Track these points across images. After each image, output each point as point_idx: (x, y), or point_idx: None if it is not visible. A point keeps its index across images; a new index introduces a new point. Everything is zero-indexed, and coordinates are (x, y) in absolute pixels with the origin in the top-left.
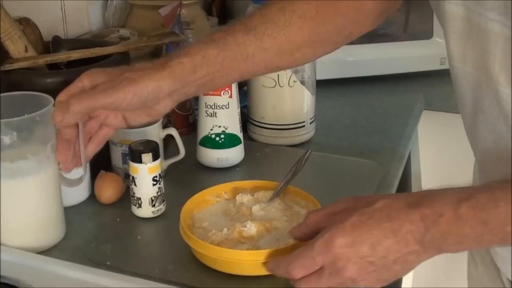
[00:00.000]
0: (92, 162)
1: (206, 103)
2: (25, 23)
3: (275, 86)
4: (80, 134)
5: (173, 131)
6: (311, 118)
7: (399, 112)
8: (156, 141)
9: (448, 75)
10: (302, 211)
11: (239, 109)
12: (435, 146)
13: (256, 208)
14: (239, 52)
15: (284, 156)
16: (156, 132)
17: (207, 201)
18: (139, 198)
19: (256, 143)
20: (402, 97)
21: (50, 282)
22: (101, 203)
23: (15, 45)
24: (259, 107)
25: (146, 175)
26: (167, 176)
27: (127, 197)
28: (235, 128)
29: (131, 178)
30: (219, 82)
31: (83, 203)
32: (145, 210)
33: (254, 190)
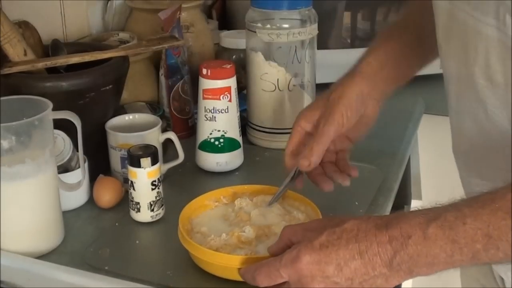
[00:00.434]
0: (91, 167)
1: (206, 107)
2: (25, 27)
3: (275, 90)
4: (79, 138)
5: (172, 135)
6: None
7: (399, 116)
8: (155, 145)
9: None
10: (301, 216)
11: (239, 113)
12: (435, 150)
13: (255, 213)
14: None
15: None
16: (155, 136)
17: (206, 206)
18: (138, 203)
19: (256, 147)
20: (402, 101)
21: (49, 287)
22: (100, 208)
23: (14, 49)
24: (259, 111)
25: (145, 180)
26: (166, 180)
27: (126, 202)
28: (235, 132)
29: (130, 183)
30: (403, 73)
31: (82, 208)
32: (144, 215)
33: (253, 195)
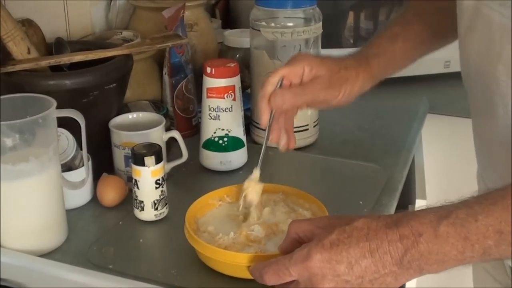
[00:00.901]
0: (95, 165)
1: (210, 106)
2: (28, 25)
3: None
4: (83, 136)
5: (176, 134)
6: (315, 122)
7: (403, 116)
8: (159, 144)
9: (452, 79)
10: (307, 214)
11: (243, 112)
12: (439, 150)
13: (263, 212)
14: (417, 41)
15: (288, 160)
16: (159, 135)
17: (210, 205)
18: (142, 201)
19: (260, 147)
20: (406, 101)
21: (52, 286)
22: (104, 206)
23: (18, 47)
24: None
25: (149, 178)
26: (170, 179)
27: (130, 200)
28: (239, 131)
29: (134, 181)
30: (391, 72)
31: (86, 206)
32: (148, 213)
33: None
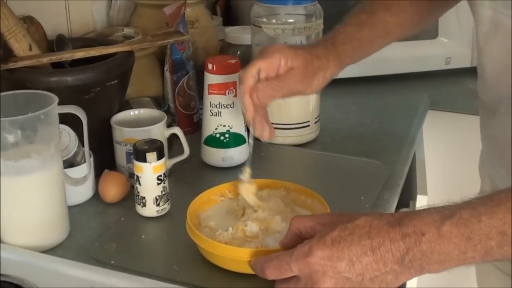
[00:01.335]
0: (97, 161)
1: (211, 103)
2: (29, 22)
3: None
4: (85, 132)
5: (178, 130)
6: (316, 118)
7: (404, 112)
8: (161, 140)
9: (453, 75)
10: (306, 211)
11: None
12: (440, 146)
13: (261, 207)
14: (383, 29)
15: (289, 156)
16: (161, 131)
17: (212, 201)
18: (144, 197)
19: (261, 143)
20: (407, 97)
21: (54, 281)
22: (105, 202)
23: (19, 44)
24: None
25: (151, 174)
26: (172, 175)
27: (132, 196)
28: (240, 128)
29: (136, 177)
30: (357, 59)
31: (87, 202)
32: (150, 209)
33: (259, 189)
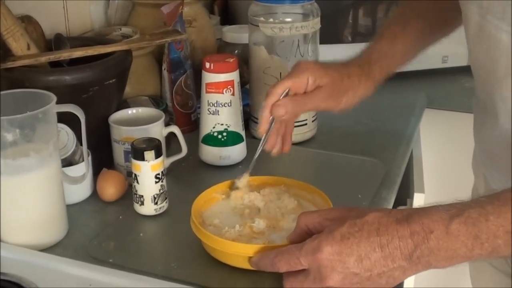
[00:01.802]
0: (95, 160)
1: (209, 101)
2: (27, 21)
3: None
4: (83, 131)
5: (176, 129)
6: (313, 116)
7: (401, 110)
8: (159, 139)
9: (450, 74)
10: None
11: (242, 107)
12: (437, 144)
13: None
14: (417, 38)
15: (286, 154)
16: (159, 130)
17: (213, 199)
18: (142, 196)
19: (259, 141)
20: (404, 95)
21: (53, 280)
22: (104, 201)
23: (18, 43)
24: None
25: (149, 173)
26: (170, 174)
27: (130, 195)
28: (238, 126)
29: (134, 176)
30: (391, 73)
31: (86, 201)
32: (148, 208)
33: (260, 187)
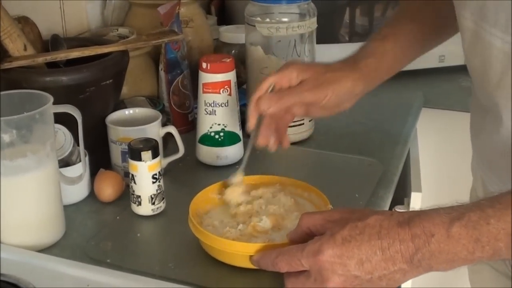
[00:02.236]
0: (92, 161)
1: (206, 101)
2: (24, 22)
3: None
4: (80, 132)
5: (173, 129)
6: None
7: (398, 110)
8: (156, 139)
9: (447, 73)
10: (308, 205)
11: (239, 107)
12: (434, 143)
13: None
14: (407, 40)
15: (283, 154)
16: (156, 130)
17: (210, 199)
18: (139, 196)
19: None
20: (401, 95)
21: (51, 280)
22: (101, 201)
23: (14, 44)
24: None
25: (146, 173)
26: (167, 175)
27: (127, 195)
28: (235, 126)
29: (131, 176)
30: (396, 69)
31: (83, 202)
32: (145, 208)
33: (256, 187)
